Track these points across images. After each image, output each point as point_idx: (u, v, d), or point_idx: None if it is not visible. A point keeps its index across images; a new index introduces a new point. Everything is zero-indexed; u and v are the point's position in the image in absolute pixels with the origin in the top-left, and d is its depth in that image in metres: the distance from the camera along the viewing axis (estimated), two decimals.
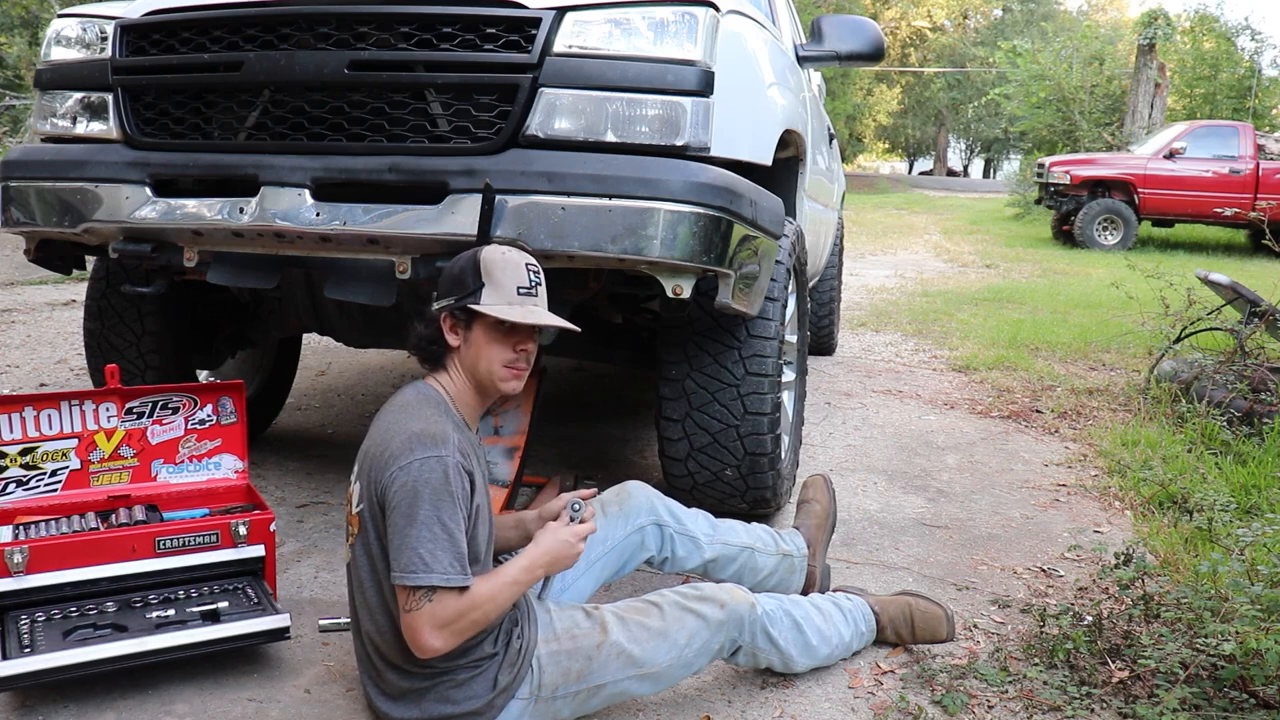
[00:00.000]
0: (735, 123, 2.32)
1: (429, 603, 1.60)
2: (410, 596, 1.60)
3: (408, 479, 1.63)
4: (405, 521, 1.61)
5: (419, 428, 1.68)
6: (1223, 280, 4.64)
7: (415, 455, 1.64)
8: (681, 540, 2.12)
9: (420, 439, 1.66)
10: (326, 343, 5.26)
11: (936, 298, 8.11)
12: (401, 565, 1.61)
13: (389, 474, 1.65)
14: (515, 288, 1.77)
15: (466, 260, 1.79)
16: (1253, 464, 3.41)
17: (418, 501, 1.61)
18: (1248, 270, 10.20)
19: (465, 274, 1.78)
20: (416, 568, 1.59)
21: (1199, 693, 1.94)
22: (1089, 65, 19.58)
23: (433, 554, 1.60)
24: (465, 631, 1.64)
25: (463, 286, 1.77)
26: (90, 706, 1.86)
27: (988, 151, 50.40)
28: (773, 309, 2.62)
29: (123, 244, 2.47)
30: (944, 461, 3.72)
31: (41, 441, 2.24)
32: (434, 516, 1.61)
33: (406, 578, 1.60)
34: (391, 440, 1.69)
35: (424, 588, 1.59)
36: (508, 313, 1.74)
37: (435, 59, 2.21)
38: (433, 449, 1.65)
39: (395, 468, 1.65)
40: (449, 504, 1.63)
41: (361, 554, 1.74)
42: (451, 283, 1.79)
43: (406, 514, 1.62)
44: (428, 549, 1.60)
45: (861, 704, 1.99)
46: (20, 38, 12.21)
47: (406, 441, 1.66)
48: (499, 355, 1.78)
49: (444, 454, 1.65)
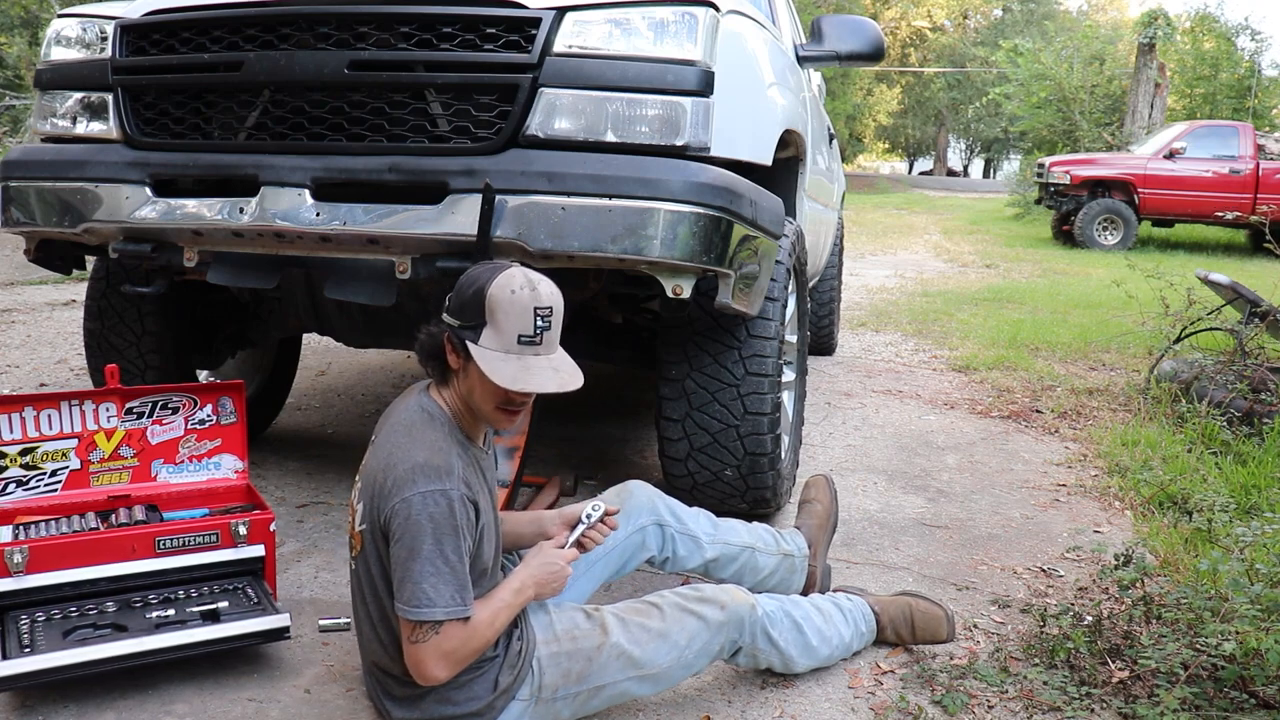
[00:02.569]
0: (735, 123, 2.32)
1: (435, 635, 1.61)
2: (415, 629, 1.61)
3: (410, 512, 1.61)
4: (409, 555, 1.61)
5: (423, 458, 1.65)
6: (1223, 280, 4.64)
7: (419, 488, 1.62)
8: (683, 540, 2.12)
9: (424, 470, 1.63)
10: (326, 343, 5.26)
11: (936, 298, 8.11)
12: (405, 598, 1.61)
13: (392, 505, 1.64)
14: (516, 335, 1.66)
15: (475, 289, 1.68)
16: (1253, 464, 3.40)
17: (421, 535, 1.61)
18: (1248, 270, 10.20)
19: (469, 305, 1.68)
20: (421, 602, 1.59)
21: (1199, 693, 1.94)
22: (1089, 65, 19.58)
23: (436, 588, 1.60)
24: (468, 658, 1.66)
25: (465, 316, 1.69)
26: (90, 706, 1.86)
27: (988, 151, 50.40)
28: (773, 309, 2.62)
29: (123, 244, 2.47)
30: (944, 461, 3.72)
31: (41, 441, 2.24)
32: (437, 551, 1.61)
33: (410, 612, 1.60)
34: (395, 467, 1.66)
35: (429, 622, 1.60)
36: (497, 370, 1.64)
37: (435, 59, 2.21)
38: (436, 482, 1.63)
39: (399, 499, 1.63)
40: (451, 538, 1.62)
41: (364, 571, 1.74)
42: (459, 306, 1.70)
43: (410, 547, 1.61)
44: (431, 584, 1.59)
45: (861, 704, 1.99)
46: (20, 38, 12.22)
47: (410, 472, 1.64)
48: (492, 398, 1.71)
49: (448, 488, 1.63)
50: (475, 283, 1.69)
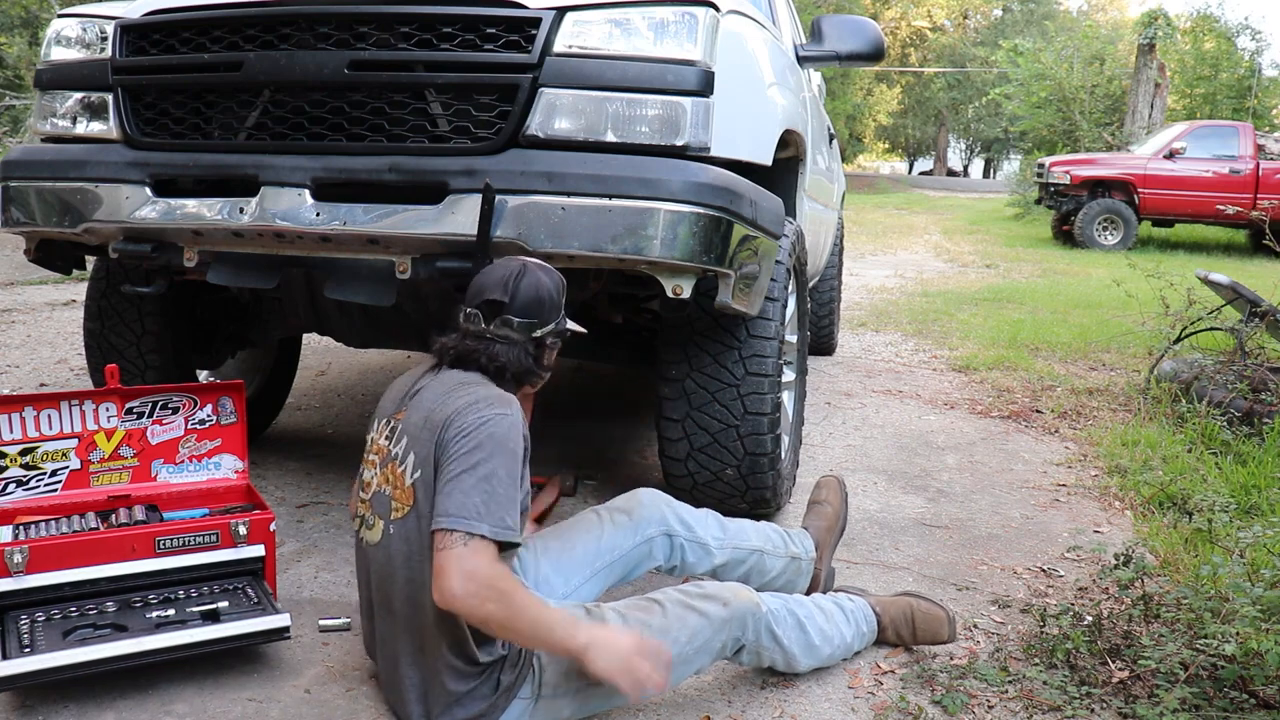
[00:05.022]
0: (735, 123, 2.32)
1: (462, 548, 1.56)
2: (447, 537, 1.57)
3: (473, 429, 1.64)
4: (463, 469, 1.60)
5: (484, 392, 1.73)
6: (1223, 280, 4.64)
7: (483, 411, 1.67)
8: (691, 548, 2.11)
9: (488, 398, 1.70)
10: (326, 343, 5.26)
11: (936, 298, 8.11)
12: (454, 510, 1.58)
13: (455, 427, 1.65)
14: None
15: (536, 290, 1.84)
16: (1253, 464, 3.40)
17: (481, 451, 1.62)
18: (1248, 270, 10.21)
19: (548, 305, 1.86)
20: (469, 514, 1.58)
21: (1199, 693, 1.94)
22: (1089, 65, 19.59)
23: (487, 504, 1.58)
24: (486, 602, 1.55)
25: (559, 309, 1.88)
26: (90, 706, 1.86)
27: (988, 151, 50.41)
28: (773, 309, 2.62)
29: (123, 244, 2.47)
30: (944, 461, 3.72)
31: (41, 441, 2.24)
32: (496, 469, 1.61)
33: (458, 522, 1.57)
34: (456, 399, 1.70)
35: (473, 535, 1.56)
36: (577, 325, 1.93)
37: (435, 59, 2.20)
38: (501, 407, 1.69)
39: (461, 421, 1.65)
40: (511, 460, 1.64)
41: (412, 528, 1.70)
42: (551, 308, 1.86)
43: (465, 462, 1.61)
44: (483, 498, 1.59)
45: (862, 704, 1.99)
46: (20, 38, 12.21)
47: (473, 400, 1.70)
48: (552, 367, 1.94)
49: (511, 413, 1.69)
50: (546, 282, 1.86)
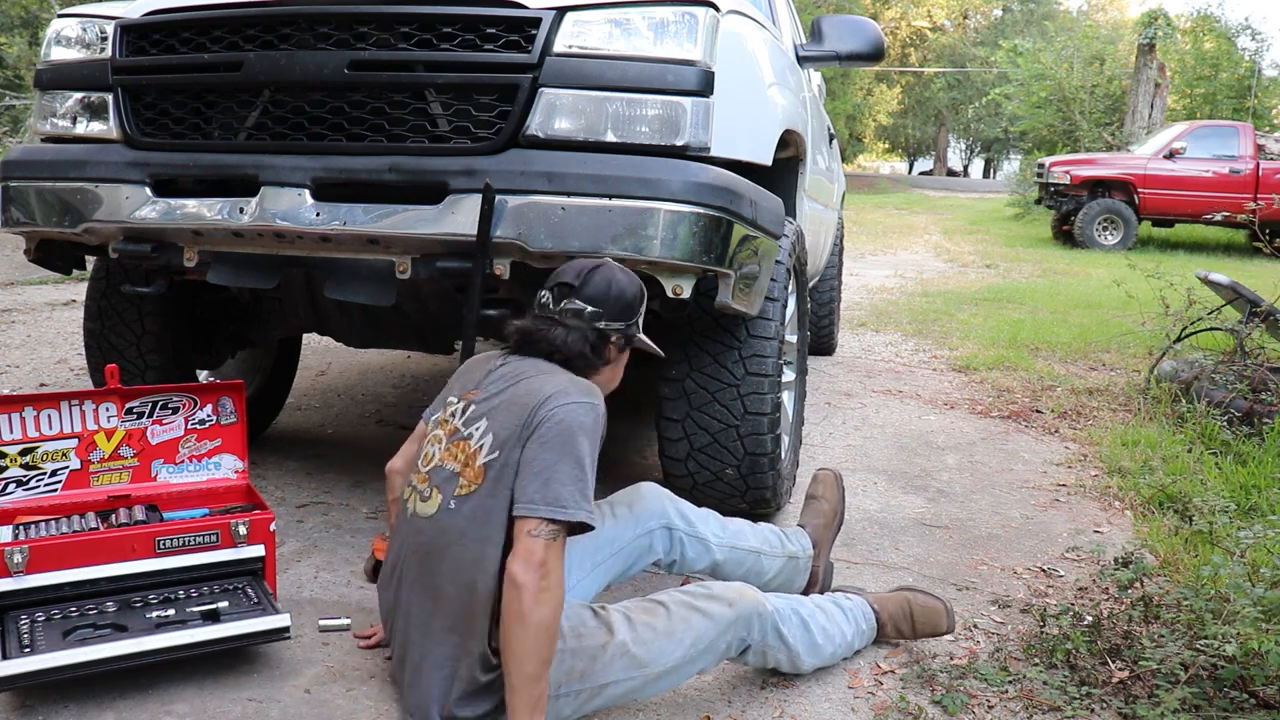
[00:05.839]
0: (735, 123, 2.32)
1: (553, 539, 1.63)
2: (540, 525, 1.63)
3: (565, 416, 1.71)
4: (556, 457, 1.67)
5: (570, 380, 1.80)
6: (1223, 280, 4.64)
7: (574, 398, 1.74)
8: (691, 542, 2.12)
9: (576, 385, 1.78)
10: (326, 343, 5.26)
11: (936, 298, 8.11)
12: (548, 498, 1.64)
13: (545, 411, 1.72)
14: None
15: (618, 290, 1.90)
16: (1253, 464, 3.41)
17: (572, 439, 1.69)
18: (1248, 270, 10.21)
19: (626, 307, 1.91)
20: (566, 502, 1.65)
21: (1199, 693, 1.94)
22: (1089, 65, 19.59)
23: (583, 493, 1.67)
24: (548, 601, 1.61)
25: (632, 313, 1.93)
26: (90, 706, 1.86)
27: (988, 151, 50.41)
28: (773, 309, 2.62)
29: (123, 244, 2.47)
30: (944, 461, 3.72)
31: (41, 441, 2.24)
32: (585, 460, 1.69)
33: (556, 511, 1.63)
34: (544, 386, 1.76)
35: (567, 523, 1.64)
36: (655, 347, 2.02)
37: (435, 59, 2.21)
38: (588, 396, 1.77)
39: (553, 405, 1.72)
40: (594, 451, 1.72)
41: (476, 507, 1.73)
42: (622, 307, 1.91)
43: (559, 449, 1.68)
44: (578, 487, 1.67)
45: (861, 704, 1.99)
46: (20, 38, 12.22)
47: (563, 386, 1.76)
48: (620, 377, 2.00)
49: (597, 403, 1.77)
50: (630, 282, 1.93)
